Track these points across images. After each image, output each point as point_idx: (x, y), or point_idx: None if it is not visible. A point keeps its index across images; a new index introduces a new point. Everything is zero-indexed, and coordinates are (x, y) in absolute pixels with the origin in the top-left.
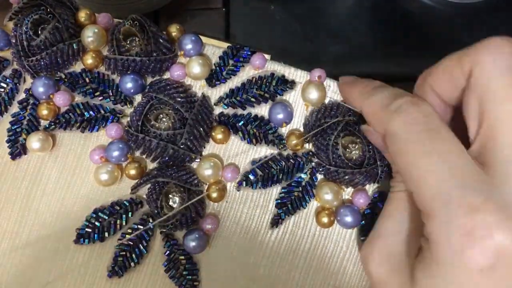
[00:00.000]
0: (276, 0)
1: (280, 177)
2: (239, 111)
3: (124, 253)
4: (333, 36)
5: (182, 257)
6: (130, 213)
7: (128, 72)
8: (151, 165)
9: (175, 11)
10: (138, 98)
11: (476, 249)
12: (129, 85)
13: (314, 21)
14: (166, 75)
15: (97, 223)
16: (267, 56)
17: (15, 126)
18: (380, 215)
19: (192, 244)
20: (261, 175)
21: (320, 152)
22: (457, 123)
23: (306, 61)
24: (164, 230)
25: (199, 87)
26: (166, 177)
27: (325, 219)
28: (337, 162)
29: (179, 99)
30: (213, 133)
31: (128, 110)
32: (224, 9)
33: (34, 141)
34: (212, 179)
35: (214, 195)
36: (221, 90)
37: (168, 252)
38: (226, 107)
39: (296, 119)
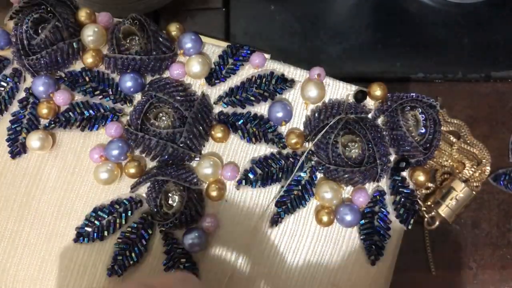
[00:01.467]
0: (276, 0)
1: (280, 175)
2: (239, 110)
3: (124, 252)
4: (333, 36)
5: (182, 256)
6: (129, 212)
7: (128, 71)
8: (151, 164)
9: (175, 11)
10: (138, 96)
11: None
12: (129, 83)
13: (314, 21)
14: (166, 74)
15: (96, 222)
16: (267, 55)
17: (15, 125)
18: None
19: (192, 243)
20: (261, 173)
21: (320, 150)
22: None
23: (306, 60)
24: (163, 229)
25: (198, 86)
26: (165, 175)
27: (324, 218)
28: (336, 161)
29: (179, 98)
30: (212, 132)
31: (128, 108)
32: (224, 9)
33: (34, 140)
34: (212, 177)
35: (214, 193)
36: (221, 89)
37: (167, 251)
38: (225, 106)
39: (295, 118)
